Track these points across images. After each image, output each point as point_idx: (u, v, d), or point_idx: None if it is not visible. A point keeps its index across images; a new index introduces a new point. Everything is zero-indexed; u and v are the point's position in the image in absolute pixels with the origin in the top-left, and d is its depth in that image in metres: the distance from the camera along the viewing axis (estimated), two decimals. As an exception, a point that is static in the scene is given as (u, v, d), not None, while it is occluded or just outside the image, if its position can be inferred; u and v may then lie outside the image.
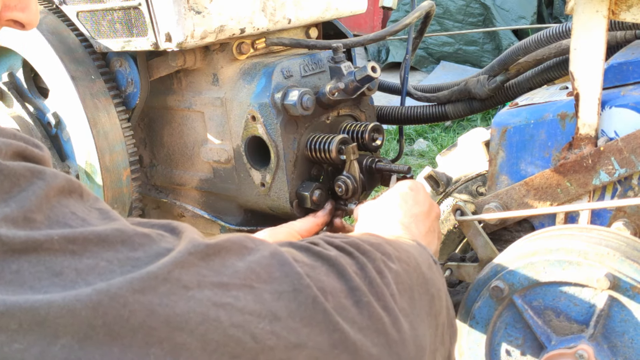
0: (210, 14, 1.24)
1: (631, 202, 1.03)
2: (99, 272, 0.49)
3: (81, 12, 1.36)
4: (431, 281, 0.75)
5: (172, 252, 0.53)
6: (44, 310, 0.45)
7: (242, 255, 0.57)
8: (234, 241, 0.58)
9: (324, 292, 0.58)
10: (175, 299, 0.49)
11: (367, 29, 6.90)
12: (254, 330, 0.51)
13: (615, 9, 1.03)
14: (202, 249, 0.54)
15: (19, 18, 0.75)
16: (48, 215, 0.52)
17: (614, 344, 0.96)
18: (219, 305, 0.51)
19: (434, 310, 0.73)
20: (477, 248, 1.24)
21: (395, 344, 0.61)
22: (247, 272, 0.55)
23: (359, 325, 0.59)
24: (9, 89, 1.49)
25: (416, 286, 0.71)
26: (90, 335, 0.45)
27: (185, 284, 0.51)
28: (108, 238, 0.52)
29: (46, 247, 0.49)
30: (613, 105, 1.10)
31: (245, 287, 0.54)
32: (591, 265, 0.95)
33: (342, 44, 1.32)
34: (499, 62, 1.44)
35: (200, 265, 0.53)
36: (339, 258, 0.64)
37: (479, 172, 1.49)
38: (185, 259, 0.53)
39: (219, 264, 0.55)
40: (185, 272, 0.52)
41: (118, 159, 1.39)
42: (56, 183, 0.54)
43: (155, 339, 0.47)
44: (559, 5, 6.64)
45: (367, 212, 1.02)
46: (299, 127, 1.29)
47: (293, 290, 0.56)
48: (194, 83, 1.42)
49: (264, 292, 0.55)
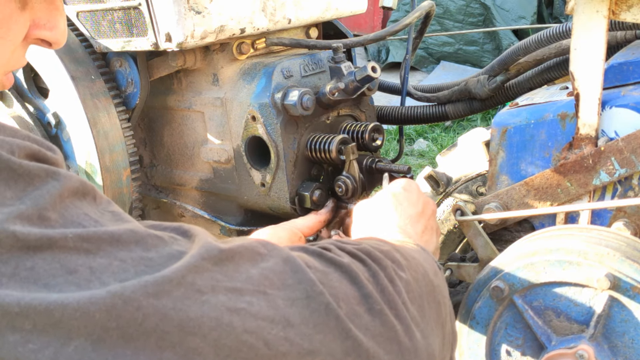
0: (210, 14, 1.24)
1: (631, 202, 1.03)
2: (112, 271, 0.49)
3: (81, 12, 1.36)
4: (438, 289, 0.75)
5: (186, 256, 0.53)
6: (58, 312, 0.45)
7: (256, 261, 0.57)
8: (247, 247, 0.58)
9: (337, 298, 0.58)
10: (189, 303, 0.50)
11: (367, 29, 6.90)
12: (267, 336, 0.52)
13: (616, 9, 1.03)
14: (216, 254, 0.55)
15: (47, 37, 0.73)
16: (62, 214, 0.52)
17: (614, 344, 0.96)
18: (232, 310, 0.51)
19: (441, 319, 0.73)
20: (477, 248, 1.24)
21: (408, 353, 0.61)
22: (261, 278, 0.55)
23: (372, 333, 0.59)
24: (9, 89, 1.49)
25: (425, 295, 0.71)
26: (103, 338, 0.46)
27: (199, 288, 0.51)
28: (121, 238, 0.52)
29: (61, 244, 0.49)
30: (613, 105, 1.10)
31: (258, 293, 0.54)
32: (591, 265, 0.95)
33: (342, 44, 1.32)
34: (499, 62, 1.44)
35: (213, 270, 0.53)
36: (351, 265, 0.64)
37: (479, 172, 1.49)
38: (199, 263, 0.53)
39: (233, 269, 0.55)
40: (199, 277, 0.52)
41: (118, 159, 1.39)
42: (70, 184, 0.54)
43: (168, 343, 0.47)
44: (559, 5, 6.64)
45: (362, 213, 1.02)
46: (299, 127, 1.29)
47: (306, 297, 0.56)
48: (194, 83, 1.42)
49: (277, 298, 0.55)
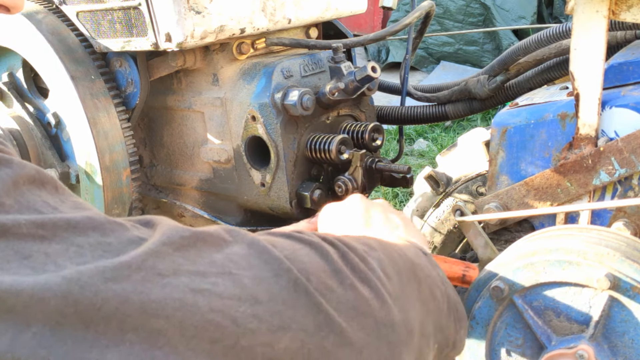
0: (210, 14, 1.24)
1: (631, 202, 1.03)
2: (69, 257, 0.48)
3: (81, 12, 1.36)
4: (419, 267, 0.74)
5: (146, 242, 0.52)
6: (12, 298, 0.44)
7: (219, 247, 0.56)
8: (210, 233, 0.57)
9: (307, 273, 0.57)
10: (150, 286, 0.48)
11: (367, 29, 6.90)
12: (235, 314, 0.50)
13: (615, 9, 1.03)
14: (177, 240, 0.53)
15: (3, 2, 0.75)
16: (18, 200, 0.51)
17: (614, 344, 0.96)
18: (196, 291, 0.50)
19: (423, 295, 0.71)
20: (477, 248, 1.24)
21: (384, 327, 0.60)
22: (225, 261, 0.54)
23: (345, 307, 0.57)
24: (9, 89, 1.49)
25: (404, 271, 0.69)
26: (62, 323, 0.45)
27: (160, 272, 0.50)
28: (79, 224, 0.51)
29: (14, 231, 0.48)
30: (613, 105, 1.10)
31: (223, 274, 0.53)
32: (591, 265, 0.95)
33: (342, 44, 1.32)
34: (499, 62, 1.44)
35: (175, 255, 0.52)
36: (321, 242, 0.62)
37: (479, 172, 1.49)
38: (160, 248, 0.51)
39: (195, 254, 0.53)
40: (160, 261, 0.50)
41: (118, 159, 1.39)
42: (25, 172, 0.53)
43: (130, 325, 0.46)
44: (559, 5, 6.64)
45: (327, 214, 1.01)
46: (299, 127, 1.29)
47: (274, 275, 0.55)
48: (194, 83, 1.42)
49: (243, 277, 0.53)
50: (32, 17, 1.37)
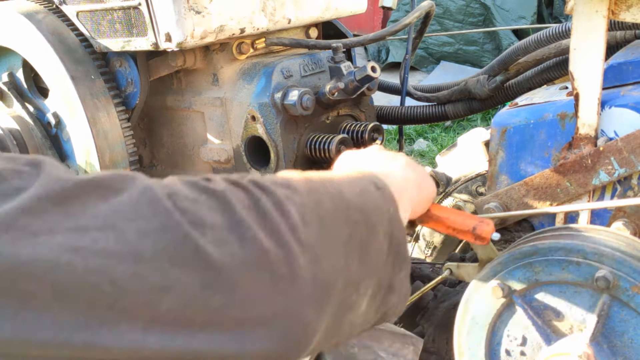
0: (210, 14, 1.24)
1: (631, 202, 1.03)
2: None
3: (81, 12, 1.36)
4: (356, 207, 0.68)
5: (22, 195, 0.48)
6: None
7: (106, 197, 0.52)
8: (99, 182, 0.53)
9: (203, 227, 0.53)
10: (21, 246, 0.45)
11: (367, 29, 6.90)
12: (113, 274, 0.48)
13: (615, 9, 1.03)
14: (58, 193, 0.49)
15: None
16: None
17: (613, 344, 0.96)
18: (72, 250, 0.47)
19: (355, 238, 0.66)
20: (477, 248, 1.24)
21: (282, 280, 0.56)
22: (110, 212, 0.50)
23: (239, 261, 0.54)
24: (9, 89, 1.49)
25: (330, 215, 0.65)
26: None
27: (33, 231, 0.46)
28: None
29: None
30: (613, 105, 1.10)
31: (106, 228, 0.49)
32: (591, 265, 0.95)
33: (342, 44, 1.32)
34: (499, 62, 1.44)
35: (53, 211, 0.48)
36: (226, 191, 0.58)
37: (478, 172, 1.49)
38: (35, 204, 0.48)
39: (78, 208, 0.50)
40: (34, 219, 0.47)
41: (118, 158, 1.39)
42: None
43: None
44: (559, 5, 6.64)
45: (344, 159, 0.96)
46: (299, 127, 1.29)
47: (162, 229, 0.51)
48: (194, 83, 1.42)
49: (127, 231, 0.50)
50: (32, 17, 1.37)
